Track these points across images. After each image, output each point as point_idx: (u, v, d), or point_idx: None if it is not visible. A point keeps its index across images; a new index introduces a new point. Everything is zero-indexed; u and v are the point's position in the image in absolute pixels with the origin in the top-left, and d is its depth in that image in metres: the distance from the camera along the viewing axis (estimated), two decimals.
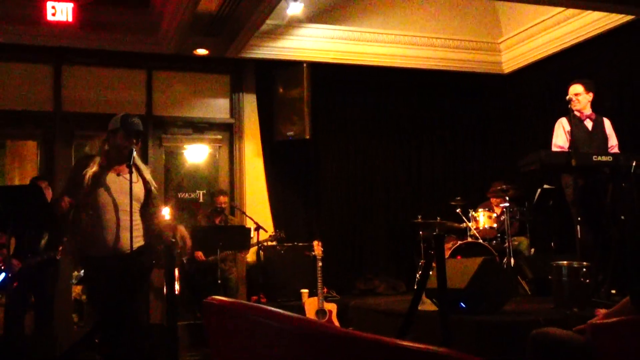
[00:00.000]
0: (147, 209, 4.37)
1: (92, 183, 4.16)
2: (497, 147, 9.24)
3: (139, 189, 4.33)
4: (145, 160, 6.33)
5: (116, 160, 4.29)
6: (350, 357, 1.37)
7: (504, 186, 7.34)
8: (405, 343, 1.31)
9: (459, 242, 7.14)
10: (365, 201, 8.85)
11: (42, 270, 6.04)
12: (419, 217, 7.43)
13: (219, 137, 8.55)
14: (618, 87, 7.42)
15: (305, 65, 8.12)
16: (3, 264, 5.75)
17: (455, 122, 9.28)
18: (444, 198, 8.02)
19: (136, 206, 4.29)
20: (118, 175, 4.29)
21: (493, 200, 7.80)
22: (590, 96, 6.04)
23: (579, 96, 5.98)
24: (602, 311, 3.24)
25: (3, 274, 5.68)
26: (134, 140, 4.27)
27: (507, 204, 7.13)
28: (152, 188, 4.42)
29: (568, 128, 5.85)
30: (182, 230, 4.50)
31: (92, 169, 4.20)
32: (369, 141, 8.95)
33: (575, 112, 5.97)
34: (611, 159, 5.55)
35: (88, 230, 4.17)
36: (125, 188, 4.15)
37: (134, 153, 4.19)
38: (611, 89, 7.35)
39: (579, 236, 5.38)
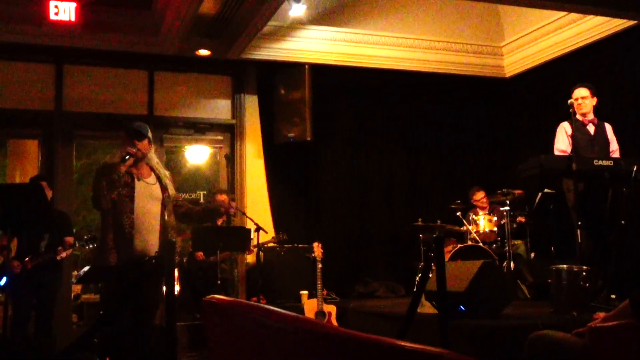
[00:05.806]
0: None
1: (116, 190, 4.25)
2: (498, 150, 9.24)
3: (157, 191, 4.43)
4: None
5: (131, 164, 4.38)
6: (349, 356, 1.37)
7: (483, 192, 7.71)
8: (402, 343, 1.31)
9: (459, 245, 7.13)
10: (366, 203, 8.84)
11: (45, 272, 6.03)
12: (419, 219, 7.42)
13: (220, 137, 8.53)
14: (619, 92, 7.42)
15: (306, 67, 8.12)
16: (3, 266, 5.74)
17: (457, 125, 9.28)
18: (444, 201, 8.01)
19: (159, 207, 4.40)
20: (138, 180, 4.37)
21: (478, 208, 7.89)
22: (594, 101, 6.05)
23: (585, 99, 5.98)
24: (601, 315, 3.23)
25: (5, 277, 5.68)
26: (135, 141, 4.34)
27: (507, 208, 7.13)
28: (167, 194, 4.50)
29: (570, 132, 5.84)
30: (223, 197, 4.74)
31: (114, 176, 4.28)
32: (369, 143, 8.95)
33: (578, 116, 5.96)
34: (612, 164, 5.54)
35: (119, 234, 4.27)
36: (147, 192, 4.34)
37: (129, 154, 4.28)
38: (612, 93, 7.35)
39: (579, 241, 5.37)
